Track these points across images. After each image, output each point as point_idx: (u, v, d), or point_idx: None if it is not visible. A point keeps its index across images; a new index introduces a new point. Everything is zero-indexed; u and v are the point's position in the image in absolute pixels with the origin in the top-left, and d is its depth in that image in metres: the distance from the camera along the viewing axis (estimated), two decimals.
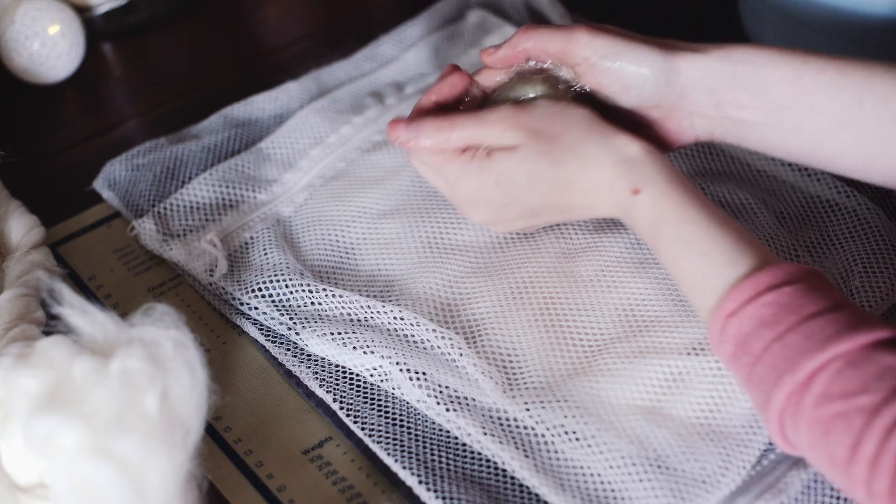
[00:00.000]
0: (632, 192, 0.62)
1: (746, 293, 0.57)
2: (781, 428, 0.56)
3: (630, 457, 0.61)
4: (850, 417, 0.52)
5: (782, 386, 0.54)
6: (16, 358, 0.56)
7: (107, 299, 0.75)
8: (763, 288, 0.56)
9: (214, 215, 0.78)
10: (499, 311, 0.70)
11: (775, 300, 0.56)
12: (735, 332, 0.57)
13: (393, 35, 0.93)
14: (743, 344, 0.56)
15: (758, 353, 0.56)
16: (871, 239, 0.72)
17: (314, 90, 0.88)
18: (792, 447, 0.57)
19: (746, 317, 0.56)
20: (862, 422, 0.51)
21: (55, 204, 0.81)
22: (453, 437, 0.64)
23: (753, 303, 0.56)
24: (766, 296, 0.56)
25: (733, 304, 0.57)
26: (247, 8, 1.03)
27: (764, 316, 0.56)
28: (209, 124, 0.86)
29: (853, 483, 0.52)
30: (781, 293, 0.56)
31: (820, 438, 0.53)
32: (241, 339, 0.72)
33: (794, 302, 0.56)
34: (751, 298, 0.56)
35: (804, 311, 0.55)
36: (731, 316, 0.57)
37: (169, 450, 0.53)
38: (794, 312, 0.55)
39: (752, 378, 0.56)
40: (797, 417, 0.54)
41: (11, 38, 0.89)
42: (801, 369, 0.54)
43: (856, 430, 0.51)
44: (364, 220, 0.77)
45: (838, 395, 0.52)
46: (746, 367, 0.57)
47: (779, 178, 0.78)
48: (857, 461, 0.51)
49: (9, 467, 0.56)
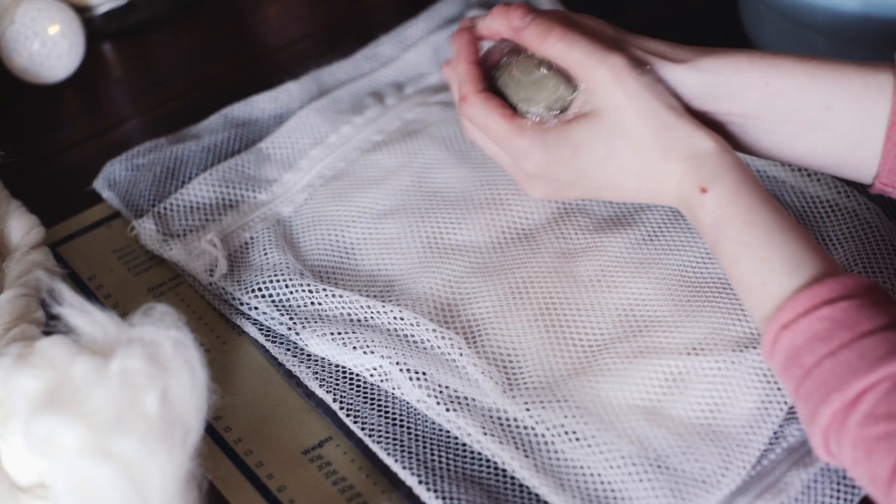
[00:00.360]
0: (700, 189, 0.62)
1: (802, 305, 0.56)
2: (825, 443, 0.55)
3: (630, 457, 0.61)
4: (893, 439, 0.51)
5: (830, 403, 0.54)
6: (16, 358, 0.56)
7: (107, 299, 0.75)
8: (819, 301, 0.56)
9: (214, 215, 0.78)
10: (499, 311, 0.70)
11: (830, 315, 0.55)
12: (788, 344, 0.56)
13: (393, 35, 0.93)
14: (794, 357, 0.56)
15: (808, 367, 0.55)
16: (871, 239, 0.72)
17: (314, 90, 0.88)
18: (835, 461, 0.56)
19: (800, 330, 0.56)
20: None
21: (55, 204, 0.81)
22: (453, 437, 0.64)
23: (808, 316, 0.56)
24: (821, 310, 0.56)
25: (788, 315, 0.57)
26: (247, 8, 1.03)
27: (818, 330, 0.55)
28: (209, 124, 0.86)
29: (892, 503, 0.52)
30: (837, 308, 0.56)
31: (863, 458, 0.53)
32: (241, 339, 0.72)
33: (849, 318, 0.55)
34: (806, 311, 0.56)
35: (858, 329, 0.55)
36: (786, 328, 0.57)
37: (169, 450, 0.53)
38: (849, 329, 0.55)
39: (800, 392, 0.56)
40: (841, 435, 0.54)
41: (11, 38, 0.89)
42: (849, 388, 0.53)
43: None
44: (364, 220, 0.77)
45: (884, 416, 0.52)
46: (796, 379, 0.56)
47: (779, 178, 0.78)
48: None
49: (9, 467, 0.56)
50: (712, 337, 0.66)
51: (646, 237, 0.74)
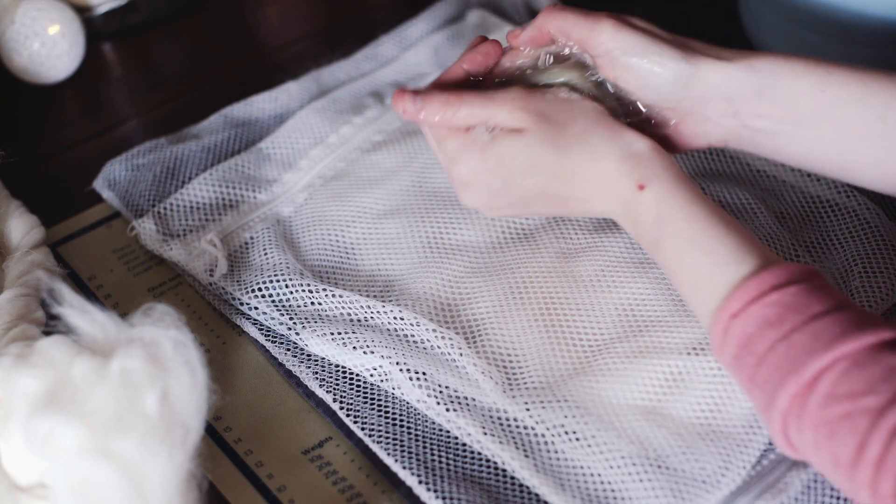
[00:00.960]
0: (637, 187, 0.61)
1: (750, 293, 0.56)
2: (784, 429, 0.55)
3: (630, 457, 0.61)
4: (855, 418, 0.51)
5: (787, 386, 0.54)
6: (16, 358, 0.56)
7: (107, 299, 0.75)
8: (767, 287, 0.56)
9: (214, 215, 0.78)
10: (499, 311, 0.70)
11: (780, 300, 0.56)
12: (739, 332, 0.56)
13: (393, 35, 0.93)
14: (747, 345, 0.56)
15: (762, 353, 0.55)
16: (871, 239, 0.72)
17: (314, 90, 0.88)
18: (794, 450, 0.56)
19: (751, 317, 0.56)
20: (867, 423, 0.51)
21: (55, 204, 0.81)
22: (453, 437, 0.64)
23: (758, 303, 0.56)
24: (770, 295, 0.56)
25: (737, 304, 0.57)
26: (247, 8, 1.03)
27: (768, 316, 0.55)
28: (209, 124, 0.86)
29: (857, 485, 0.52)
30: (786, 293, 0.56)
31: (825, 439, 0.53)
32: (241, 339, 0.72)
33: (798, 302, 0.55)
34: (755, 298, 0.56)
35: (809, 311, 0.55)
36: (735, 317, 0.57)
37: (169, 450, 0.53)
38: (799, 312, 0.55)
39: (755, 379, 0.56)
40: (801, 419, 0.54)
41: (11, 38, 0.89)
42: (806, 369, 0.53)
43: (861, 432, 0.51)
44: (364, 220, 0.77)
45: (844, 395, 0.52)
46: (749, 367, 0.56)
47: (779, 178, 0.78)
48: (862, 463, 0.51)
49: (9, 467, 0.56)
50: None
51: None
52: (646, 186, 0.61)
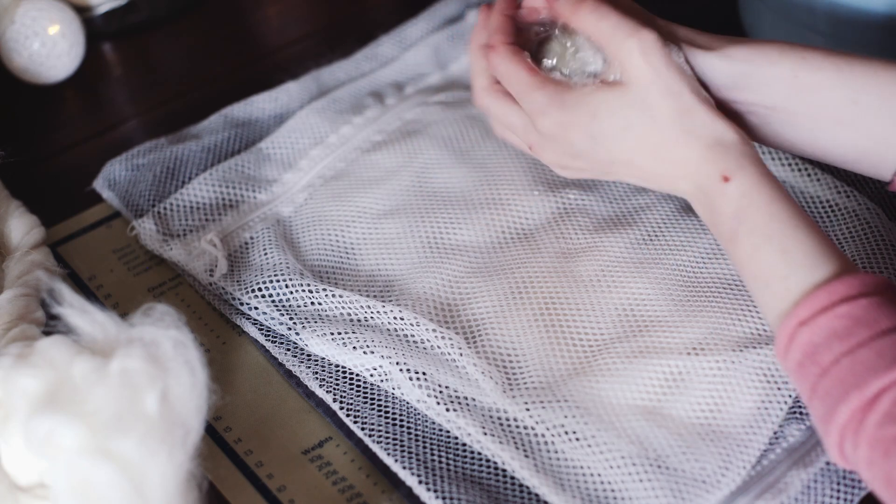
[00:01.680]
0: (721, 178, 0.61)
1: (821, 302, 0.56)
2: (841, 443, 0.55)
3: (630, 457, 0.61)
4: None
5: (848, 402, 0.53)
6: (16, 358, 0.56)
7: (107, 299, 0.75)
8: (838, 298, 0.55)
9: (214, 215, 0.78)
10: (499, 311, 0.70)
11: (849, 312, 0.55)
12: (806, 341, 0.56)
13: (393, 35, 0.93)
14: (812, 354, 0.55)
15: (826, 365, 0.55)
16: (871, 239, 0.72)
17: (314, 90, 0.88)
18: (847, 463, 0.56)
19: (819, 327, 0.55)
20: None
21: (55, 204, 0.81)
22: (453, 437, 0.64)
23: (827, 313, 0.55)
24: (840, 307, 0.55)
25: (807, 312, 0.56)
26: (247, 8, 1.03)
27: (836, 328, 0.55)
28: (209, 124, 0.86)
29: None
30: (856, 305, 0.55)
31: (879, 458, 0.52)
32: (241, 339, 0.72)
33: (868, 316, 0.55)
34: (825, 308, 0.55)
35: (877, 327, 0.54)
36: (804, 324, 0.56)
37: (169, 450, 0.53)
38: (868, 327, 0.54)
39: (816, 390, 0.55)
40: (858, 435, 0.53)
41: (11, 38, 0.89)
42: (868, 387, 0.53)
43: None
44: (364, 220, 0.77)
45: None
46: (813, 378, 0.55)
47: (779, 177, 0.78)
48: None
49: (9, 467, 0.56)
50: (712, 337, 0.66)
51: (646, 237, 0.74)
52: (731, 178, 0.60)
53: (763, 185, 0.60)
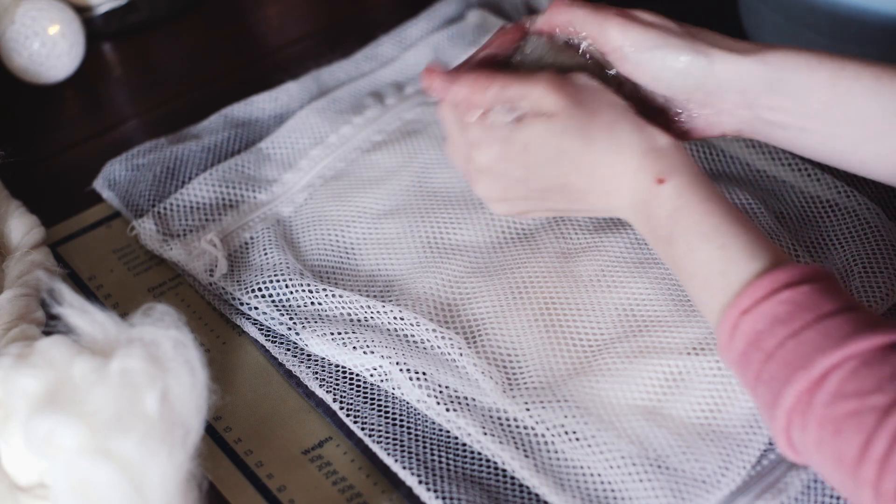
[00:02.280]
0: (656, 181, 0.61)
1: (763, 290, 0.56)
2: (788, 428, 0.55)
3: (630, 457, 0.61)
4: (862, 416, 0.51)
5: (795, 383, 0.53)
6: (16, 358, 0.56)
7: (107, 299, 0.75)
8: (780, 285, 0.56)
9: (214, 215, 0.78)
10: (499, 311, 0.70)
11: (791, 298, 0.55)
12: (749, 328, 0.56)
13: (393, 35, 0.93)
14: (755, 341, 0.56)
15: (771, 349, 0.55)
16: (871, 239, 0.72)
17: (314, 90, 0.88)
18: (794, 451, 0.56)
19: (761, 314, 0.56)
20: (874, 421, 0.51)
21: (55, 204, 0.81)
22: (453, 437, 0.64)
23: (770, 300, 0.56)
24: (782, 293, 0.55)
25: (748, 300, 0.56)
26: (247, 8, 1.03)
27: (779, 313, 0.55)
28: (209, 124, 0.86)
29: (860, 483, 0.51)
30: (798, 291, 0.55)
31: (829, 437, 0.52)
32: (241, 339, 0.72)
33: (810, 300, 0.55)
34: (767, 295, 0.56)
35: (820, 310, 0.55)
36: (746, 313, 0.56)
37: (169, 450, 0.53)
38: (811, 310, 0.55)
39: (761, 376, 0.56)
40: (807, 416, 0.53)
41: (11, 38, 0.89)
42: (815, 366, 0.53)
43: (867, 429, 0.51)
44: (364, 220, 0.77)
45: (852, 393, 0.52)
46: (757, 364, 0.56)
47: (779, 178, 0.78)
48: (867, 461, 0.51)
49: (9, 467, 0.56)
50: (712, 337, 0.66)
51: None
52: (665, 180, 0.61)
53: (697, 185, 0.60)
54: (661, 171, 0.61)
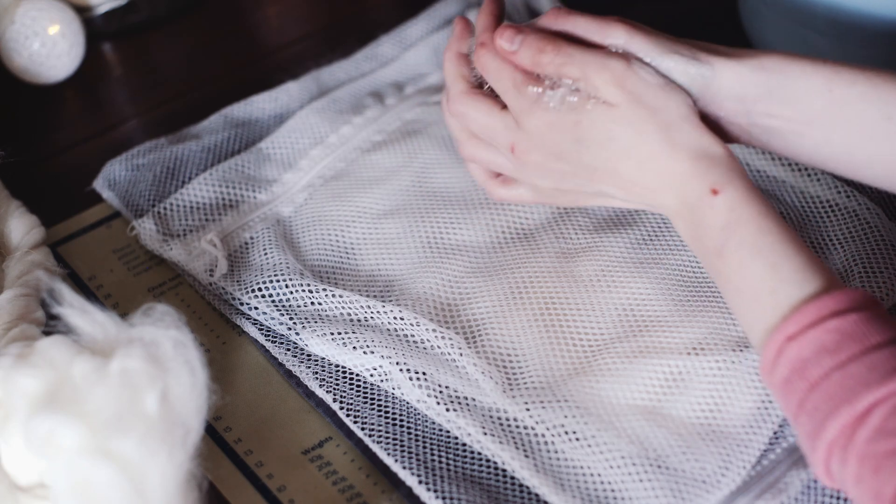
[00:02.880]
0: (710, 191, 0.60)
1: (811, 316, 0.55)
2: (827, 460, 0.54)
3: (630, 457, 0.61)
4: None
5: (838, 416, 0.52)
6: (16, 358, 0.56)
7: (107, 299, 0.75)
8: (828, 313, 0.55)
9: (214, 215, 0.78)
10: (499, 311, 0.70)
11: (839, 327, 0.54)
12: (794, 356, 0.55)
13: (393, 35, 0.93)
14: (800, 369, 0.55)
15: (815, 380, 0.54)
16: (871, 239, 0.72)
17: (314, 90, 0.88)
18: (832, 480, 0.55)
19: (808, 341, 0.55)
20: None
21: (55, 204, 0.81)
22: (453, 437, 0.64)
23: (817, 328, 0.55)
24: (830, 321, 0.54)
25: (795, 327, 0.55)
26: (247, 8, 1.03)
27: (826, 342, 0.54)
28: (209, 124, 0.86)
29: None
30: (846, 320, 0.54)
31: (869, 474, 0.51)
32: (241, 339, 0.72)
33: (858, 330, 0.54)
34: (814, 323, 0.55)
35: (868, 342, 0.53)
36: (792, 339, 0.55)
37: (169, 450, 0.53)
38: (858, 341, 0.54)
39: (804, 405, 0.54)
40: (848, 450, 0.52)
41: (11, 38, 0.89)
42: (860, 401, 0.52)
43: None
44: (364, 221, 0.77)
45: (894, 431, 0.51)
46: (800, 392, 0.55)
47: (779, 178, 0.78)
48: None
49: (9, 467, 0.56)
50: (712, 337, 0.66)
51: (646, 237, 0.74)
52: (720, 191, 0.60)
53: (752, 200, 0.60)
54: (715, 181, 0.60)
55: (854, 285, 0.70)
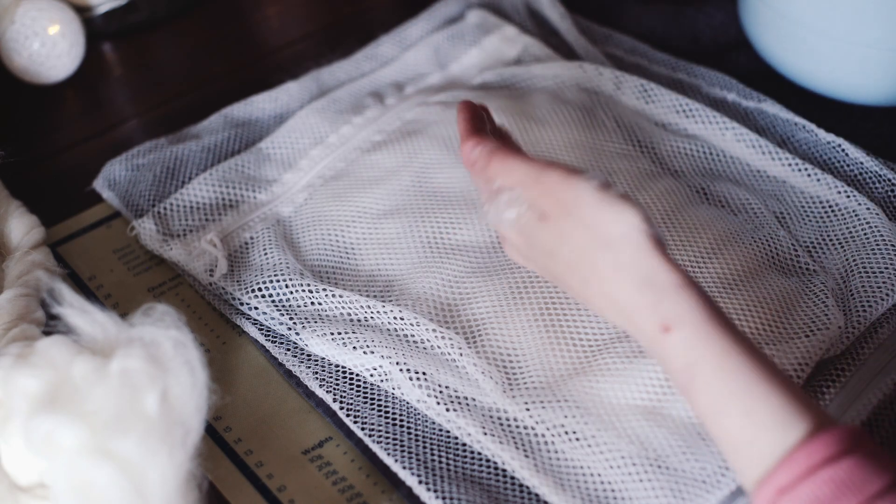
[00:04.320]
0: (661, 328, 0.55)
1: (800, 467, 0.51)
2: None
3: (630, 457, 0.61)
4: None
5: None
6: (16, 358, 0.56)
7: (107, 299, 0.75)
8: (819, 461, 0.51)
9: (214, 215, 0.78)
10: (499, 311, 0.70)
11: (833, 477, 0.50)
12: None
13: (393, 35, 0.93)
14: None
15: None
16: (871, 239, 0.72)
17: (314, 90, 0.88)
18: None
19: (802, 496, 0.50)
20: None
21: (55, 204, 0.81)
22: (453, 437, 0.64)
23: (809, 480, 0.51)
24: (822, 472, 0.50)
25: (786, 478, 0.51)
26: (247, 8, 1.03)
27: (822, 497, 0.50)
28: (209, 124, 0.86)
29: None
30: (839, 468, 0.50)
31: None
32: (241, 339, 0.72)
33: (854, 479, 0.50)
34: (805, 474, 0.51)
35: (866, 491, 0.50)
36: (784, 493, 0.51)
37: (169, 450, 0.53)
38: (855, 492, 0.50)
39: None
40: None
41: (11, 38, 0.89)
42: None
43: None
44: (364, 221, 0.77)
45: None
46: None
47: (779, 178, 0.78)
48: None
49: (9, 467, 0.56)
50: None
51: None
52: (672, 329, 0.55)
53: (712, 336, 0.54)
54: (664, 316, 0.55)
55: (854, 285, 0.70)
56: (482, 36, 0.92)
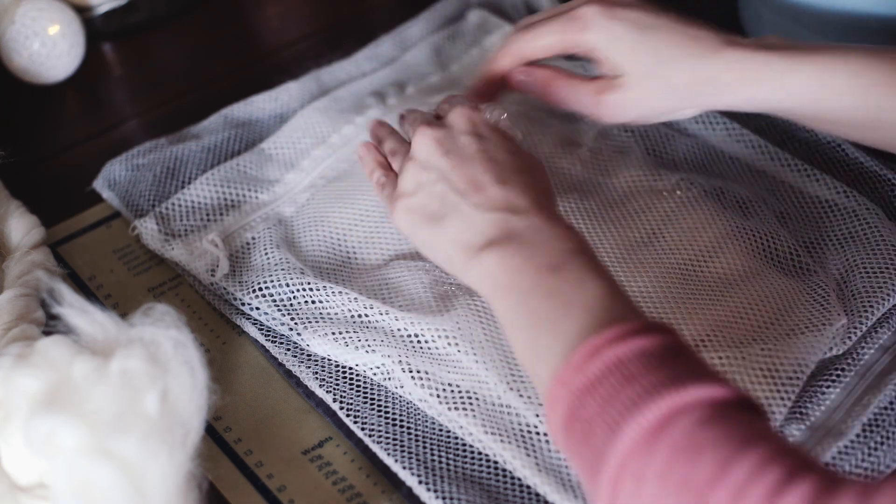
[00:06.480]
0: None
1: (612, 334, 0.53)
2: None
3: None
4: None
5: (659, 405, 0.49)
6: (16, 358, 0.56)
7: (107, 299, 0.75)
8: (630, 331, 0.53)
9: (216, 215, 0.78)
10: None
11: (642, 346, 0.52)
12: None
13: (393, 35, 0.93)
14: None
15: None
16: (871, 239, 0.72)
17: (315, 90, 0.88)
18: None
19: (610, 356, 0.52)
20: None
21: (55, 204, 0.81)
22: (453, 437, 0.64)
23: (621, 343, 0.52)
24: (632, 340, 0.52)
25: (597, 341, 0.53)
26: (247, 8, 1.03)
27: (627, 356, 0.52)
28: (209, 124, 0.86)
29: None
30: (648, 341, 0.52)
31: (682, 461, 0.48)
32: (241, 339, 0.72)
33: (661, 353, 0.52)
34: (617, 339, 0.52)
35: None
36: (594, 354, 0.52)
37: (169, 450, 0.53)
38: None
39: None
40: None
41: (11, 38, 0.89)
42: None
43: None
44: (366, 221, 0.77)
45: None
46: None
47: (778, 177, 0.78)
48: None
49: (9, 467, 0.56)
50: (715, 333, 0.66)
51: (646, 237, 0.74)
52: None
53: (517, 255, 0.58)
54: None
55: (854, 285, 0.70)
56: (482, 36, 0.92)
